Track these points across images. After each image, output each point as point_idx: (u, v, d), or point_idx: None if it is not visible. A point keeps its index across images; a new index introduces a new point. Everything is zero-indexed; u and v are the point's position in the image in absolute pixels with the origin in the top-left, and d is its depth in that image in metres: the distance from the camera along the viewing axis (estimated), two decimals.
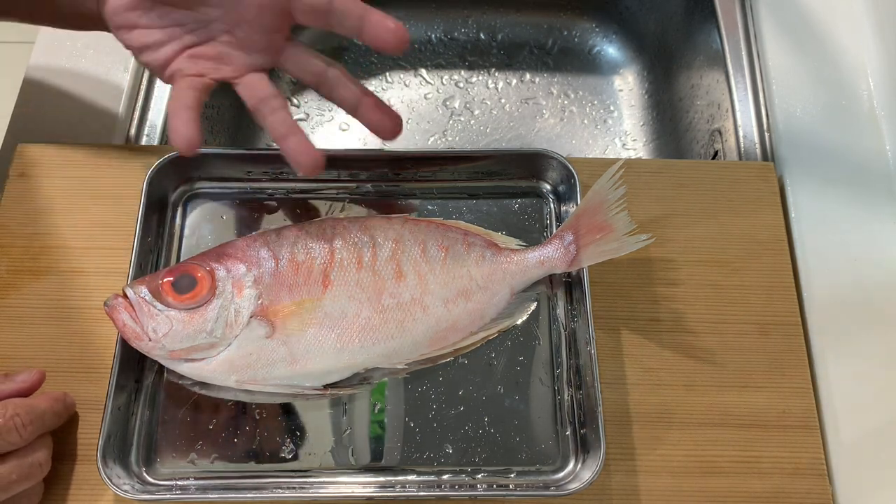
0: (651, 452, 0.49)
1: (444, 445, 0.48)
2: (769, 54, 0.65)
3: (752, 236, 0.56)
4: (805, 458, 0.49)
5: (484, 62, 0.85)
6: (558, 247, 0.50)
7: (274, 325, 0.48)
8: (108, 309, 0.47)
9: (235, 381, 0.48)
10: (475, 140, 0.81)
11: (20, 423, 0.42)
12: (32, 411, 0.43)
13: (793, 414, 0.50)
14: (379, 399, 0.49)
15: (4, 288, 0.53)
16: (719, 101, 0.69)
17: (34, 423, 0.43)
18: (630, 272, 0.54)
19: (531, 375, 0.50)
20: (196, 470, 0.47)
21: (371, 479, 0.47)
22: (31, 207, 0.55)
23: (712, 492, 0.48)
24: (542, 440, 0.48)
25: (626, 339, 0.52)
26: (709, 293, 0.54)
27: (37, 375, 0.46)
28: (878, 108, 0.62)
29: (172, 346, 0.46)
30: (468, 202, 0.56)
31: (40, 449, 0.44)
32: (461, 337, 0.50)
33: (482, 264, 0.51)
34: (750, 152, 0.63)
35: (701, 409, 0.50)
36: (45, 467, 0.45)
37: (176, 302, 0.47)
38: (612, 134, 0.82)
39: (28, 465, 0.43)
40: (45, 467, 0.45)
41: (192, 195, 0.55)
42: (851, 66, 0.64)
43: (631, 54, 0.85)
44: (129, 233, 0.51)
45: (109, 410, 0.45)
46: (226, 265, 0.48)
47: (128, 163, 0.57)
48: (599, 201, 0.50)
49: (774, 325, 0.53)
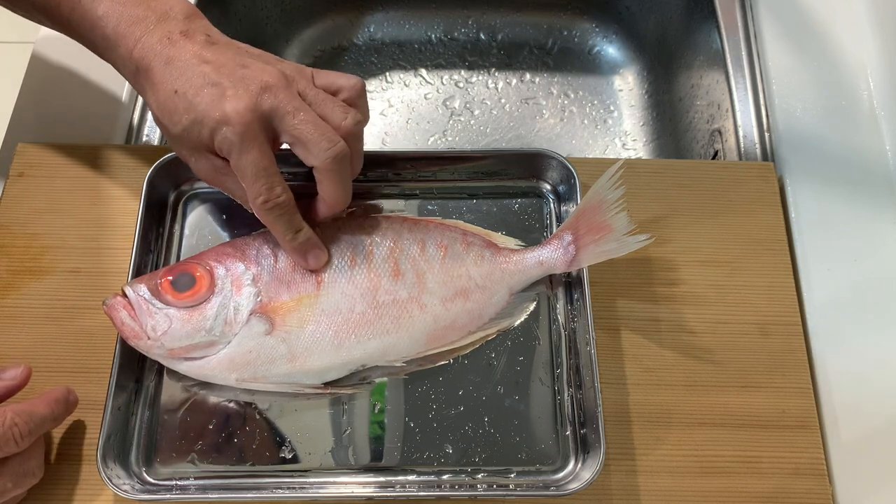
0: (651, 452, 0.49)
1: (444, 445, 0.48)
2: (769, 54, 0.65)
3: (752, 236, 0.56)
4: (805, 458, 0.49)
5: (484, 62, 0.85)
6: (557, 247, 0.50)
7: (273, 322, 0.48)
8: (107, 308, 0.47)
9: (235, 379, 0.48)
10: (475, 140, 0.81)
11: (18, 433, 0.42)
12: (32, 419, 0.43)
13: (792, 414, 0.50)
14: (379, 399, 0.49)
15: (4, 288, 0.53)
16: (719, 101, 0.69)
17: (33, 432, 0.43)
18: (630, 272, 0.54)
19: (531, 375, 0.50)
20: (196, 470, 0.47)
21: (371, 479, 0.47)
22: (31, 207, 0.55)
23: (712, 492, 0.48)
24: (542, 440, 0.48)
25: (626, 339, 0.52)
26: (709, 293, 0.54)
27: (24, 372, 0.46)
28: (878, 108, 0.62)
29: (171, 344, 0.46)
30: (468, 202, 0.56)
31: (34, 457, 0.44)
32: (459, 336, 0.50)
33: (481, 264, 0.51)
34: (750, 152, 0.63)
35: (701, 409, 0.50)
36: (38, 474, 0.45)
37: (175, 300, 0.47)
38: (612, 134, 0.82)
39: (22, 474, 0.43)
40: (37, 474, 0.45)
41: (192, 195, 0.55)
42: (851, 66, 0.64)
43: (631, 54, 0.85)
44: (129, 233, 0.51)
45: (109, 410, 0.45)
46: (224, 263, 0.49)
47: (128, 163, 0.57)
48: (599, 201, 0.50)
49: (774, 325, 0.53)
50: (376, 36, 0.86)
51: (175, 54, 0.44)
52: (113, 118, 0.61)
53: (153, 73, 0.45)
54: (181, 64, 0.44)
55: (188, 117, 0.44)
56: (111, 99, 0.62)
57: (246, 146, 0.43)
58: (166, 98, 0.44)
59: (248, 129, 0.43)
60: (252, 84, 0.44)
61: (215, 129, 0.43)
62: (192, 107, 0.43)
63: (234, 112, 0.43)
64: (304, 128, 0.44)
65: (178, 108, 0.44)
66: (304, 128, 0.44)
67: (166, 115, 0.45)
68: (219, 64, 0.44)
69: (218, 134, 0.43)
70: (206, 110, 0.43)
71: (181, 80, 0.44)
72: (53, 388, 0.46)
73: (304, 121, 0.44)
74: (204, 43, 0.45)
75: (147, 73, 0.45)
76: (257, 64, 0.45)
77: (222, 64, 0.44)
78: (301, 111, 0.44)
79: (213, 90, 0.43)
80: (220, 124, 0.43)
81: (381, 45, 0.86)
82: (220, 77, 0.44)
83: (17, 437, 0.41)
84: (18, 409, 0.42)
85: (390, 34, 0.86)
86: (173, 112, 0.44)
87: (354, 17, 0.86)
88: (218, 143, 0.44)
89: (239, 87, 0.43)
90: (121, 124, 0.61)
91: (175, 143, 0.47)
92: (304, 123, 0.44)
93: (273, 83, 0.44)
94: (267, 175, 0.44)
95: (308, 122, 0.44)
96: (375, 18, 0.86)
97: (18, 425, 0.42)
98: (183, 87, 0.44)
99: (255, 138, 0.43)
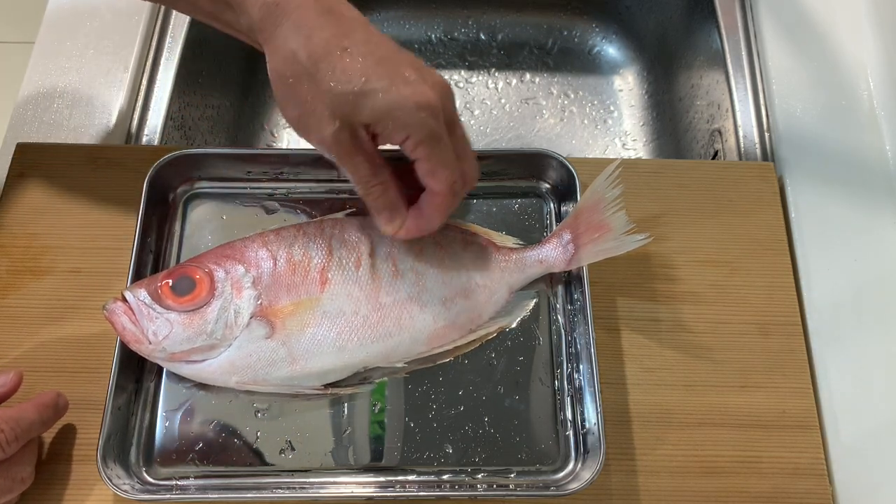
0: (651, 452, 0.49)
1: (444, 445, 0.48)
2: (769, 54, 0.65)
3: (752, 236, 0.56)
4: (805, 458, 0.49)
5: (484, 62, 0.85)
6: (556, 246, 0.51)
7: (274, 326, 0.48)
8: (108, 313, 0.47)
9: (236, 382, 0.48)
10: (475, 140, 0.81)
11: (4, 438, 0.41)
12: (19, 425, 0.42)
13: (792, 414, 0.50)
14: (379, 399, 0.49)
15: (4, 288, 0.53)
16: (719, 101, 0.69)
17: (20, 438, 0.42)
18: (630, 272, 0.54)
19: (531, 375, 0.50)
20: (196, 470, 0.47)
21: (371, 479, 0.47)
22: (31, 207, 0.55)
23: (712, 492, 0.48)
24: (542, 440, 0.48)
25: (626, 339, 0.52)
26: (709, 293, 0.54)
27: (15, 378, 0.46)
28: (878, 108, 0.62)
29: (173, 348, 0.46)
30: (468, 202, 0.55)
31: (25, 463, 0.44)
32: (460, 335, 0.50)
33: (480, 263, 0.51)
34: (750, 152, 0.63)
35: (701, 409, 0.50)
36: (28, 481, 0.44)
37: (175, 304, 0.47)
38: (612, 134, 0.82)
39: (10, 480, 0.43)
40: (27, 481, 0.44)
41: (192, 195, 0.55)
42: (851, 66, 0.64)
43: (631, 54, 0.85)
44: (129, 233, 0.51)
45: (109, 410, 0.45)
46: (224, 266, 0.49)
47: (128, 163, 0.57)
48: (597, 200, 0.50)
49: (774, 325, 0.53)
50: None
51: (335, 7, 0.42)
52: (113, 118, 0.61)
53: (306, 17, 0.41)
54: (347, 22, 0.42)
55: (366, 83, 0.40)
56: (111, 99, 0.62)
57: (442, 134, 0.43)
58: (330, 51, 0.40)
59: (441, 120, 0.42)
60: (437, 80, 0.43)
61: (411, 111, 0.41)
62: (375, 77, 0.41)
63: (437, 100, 0.41)
64: (457, 145, 0.45)
65: (351, 69, 0.40)
66: (457, 145, 0.45)
67: (327, 69, 0.41)
68: (392, 45, 0.43)
69: (414, 118, 0.41)
70: (399, 90, 0.41)
71: (353, 41, 0.41)
72: (43, 393, 0.46)
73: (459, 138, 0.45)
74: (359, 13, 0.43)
75: (295, 12, 0.41)
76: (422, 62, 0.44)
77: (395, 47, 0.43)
78: (461, 128, 0.45)
79: (398, 70, 0.41)
80: (420, 109, 0.41)
81: None
82: (399, 58, 0.42)
83: (3, 443, 0.41)
84: (4, 414, 0.42)
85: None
86: (341, 70, 0.40)
87: None
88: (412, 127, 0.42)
89: (427, 79, 0.42)
90: (121, 124, 0.61)
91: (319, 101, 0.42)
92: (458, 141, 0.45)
93: (449, 89, 0.44)
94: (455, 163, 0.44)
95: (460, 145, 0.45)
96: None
97: (4, 431, 0.41)
98: (357, 51, 0.41)
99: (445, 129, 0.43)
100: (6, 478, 0.42)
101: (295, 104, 0.43)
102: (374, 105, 0.41)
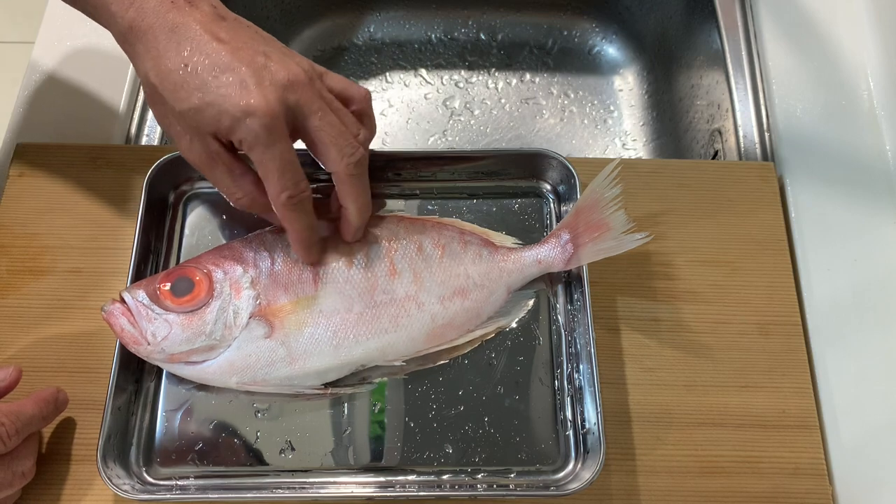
0: (651, 452, 0.49)
1: (444, 445, 0.48)
2: (769, 54, 0.65)
3: (752, 236, 0.56)
4: (805, 458, 0.49)
5: (484, 62, 0.85)
6: (555, 245, 0.51)
7: (272, 325, 0.48)
8: (106, 315, 0.47)
9: (236, 382, 0.48)
10: (475, 140, 0.81)
11: (5, 432, 0.41)
12: (19, 419, 0.42)
13: (793, 414, 0.50)
14: (379, 399, 0.49)
15: (4, 288, 0.53)
16: (719, 101, 0.69)
17: (20, 431, 0.42)
18: (630, 272, 0.54)
19: (531, 375, 0.50)
20: (196, 470, 0.47)
21: (371, 479, 0.47)
22: (31, 207, 0.55)
23: (712, 492, 0.48)
24: (542, 440, 0.48)
25: (626, 339, 0.52)
26: (709, 293, 0.54)
27: (14, 373, 0.46)
28: (878, 108, 0.62)
29: (172, 349, 0.46)
30: (468, 202, 0.56)
31: (26, 457, 0.44)
32: (458, 335, 0.50)
33: (478, 262, 0.51)
34: (750, 152, 0.63)
35: (701, 409, 0.50)
36: (29, 475, 0.45)
37: (174, 305, 0.47)
38: (612, 134, 0.82)
39: (11, 474, 0.43)
40: (28, 475, 0.44)
41: (192, 195, 0.55)
42: (851, 66, 0.64)
43: (631, 54, 0.85)
44: (129, 233, 0.51)
45: (109, 410, 0.45)
46: (223, 267, 0.49)
47: (128, 163, 0.57)
48: (595, 199, 0.50)
49: (774, 325, 0.53)
50: (376, 36, 0.86)
51: (181, 22, 0.42)
52: (113, 118, 0.61)
53: (154, 39, 0.42)
54: (190, 36, 0.42)
55: (201, 97, 0.41)
56: (111, 99, 0.62)
57: (272, 139, 0.42)
58: (172, 70, 0.42)
59: (276, 123, 0.41)
60: (277, 76, 0.42)
61: (238, 118, 0.41)
62: (208, 89, 0.41)
63: (264, 104, 0.41)
64: (328, 130, 0.44)
65: (189, 85, 0.41)
66: (328, 130, 0.44)
67: (170, 89, 0.42)
68: (235, 46, 0.42)
69: (241, 125, 0.41)
70: (228, 97, 0.41)
71: (193, 55, 0.41)
72: (43, 388, 0.46)
73: (330, 123, 0.44)
74: (213, 16, 0.43)
75: (145, 35, 0.42)
76: (277, 55, 0.43)
77: (238, 47, 0.42)
78: (325, 113, 0.44)
79: (233, 76, 0.41)
80: (245, 115, 0.41)
81: (381, 45, 0.86)
82: (238, 62, 0.41)
83: (4, 436, 0.41)
84: (5, 409, 0.42)
85: (390, 34, 0.86)
86: (180, 87, 0.42)
87: (354, 17, 0.86)
88: (241, 133, 0.42)
89: (264, 78, 0.41)
90: (121, 124, 0.61)
91: (172, 118, 0.44)
92: (330, 126, 0.44)
93: (298, 79, 0.43)
94: (293, 169, 0.43)
95: (333, 125, 0.44)
96: (375, 18, 0.86)
97: (5, 425, 0.42)
98: (195, 64, 0.41)
99: (282, 132, 0.42)
100: (7, 472, 0.43)
101: (159, 120, 0.46)
102: (208, 117, 0.42)
